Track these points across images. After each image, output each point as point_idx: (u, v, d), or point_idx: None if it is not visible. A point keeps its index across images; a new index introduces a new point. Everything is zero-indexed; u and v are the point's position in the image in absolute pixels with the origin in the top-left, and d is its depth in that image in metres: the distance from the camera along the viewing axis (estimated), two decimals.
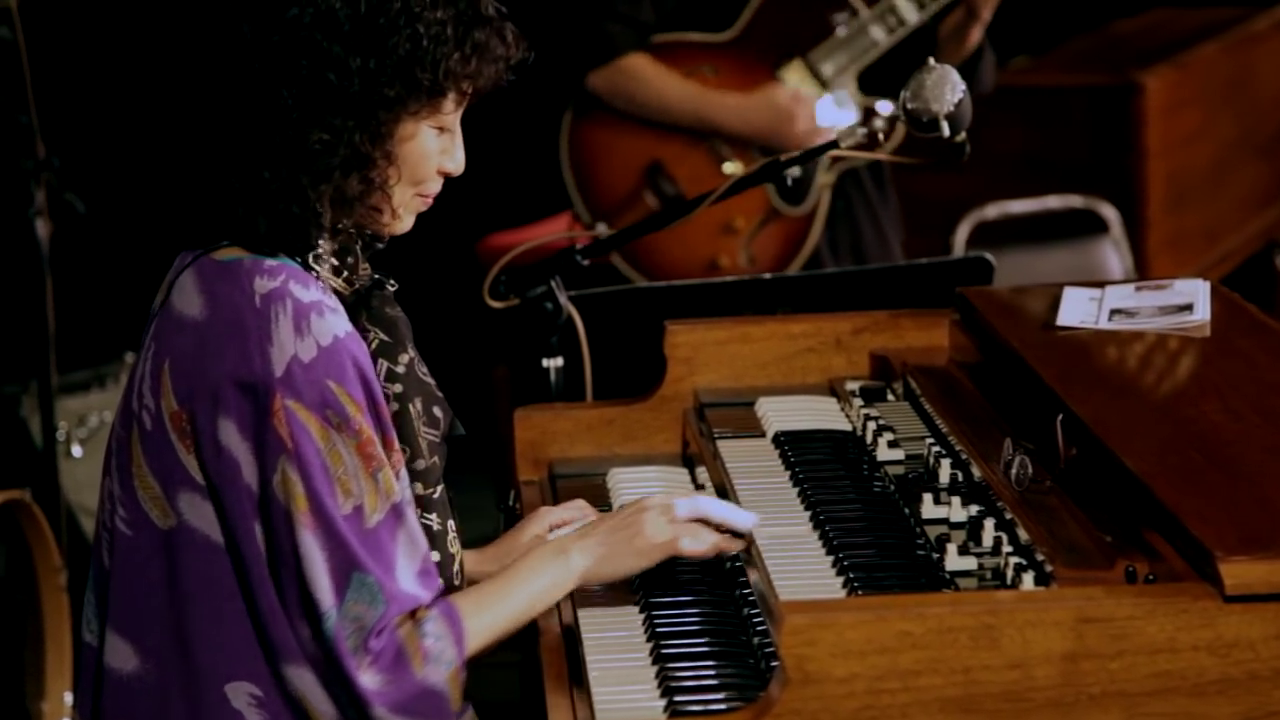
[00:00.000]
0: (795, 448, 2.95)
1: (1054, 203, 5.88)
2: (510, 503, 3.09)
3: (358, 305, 2.55)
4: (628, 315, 3.61)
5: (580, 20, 4.43)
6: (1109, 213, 5.85)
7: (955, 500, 2.66)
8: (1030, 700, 2.25)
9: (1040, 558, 2.43)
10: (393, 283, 2.61)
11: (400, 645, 2.41)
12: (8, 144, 4.72)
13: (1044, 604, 2.27)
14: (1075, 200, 5.87)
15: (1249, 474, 2.48)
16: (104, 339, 5.37)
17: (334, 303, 2.47)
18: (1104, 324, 3.06)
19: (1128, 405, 2.78)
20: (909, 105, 3.09)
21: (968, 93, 3.08)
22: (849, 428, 3.04)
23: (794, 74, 4.41)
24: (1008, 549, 2.49)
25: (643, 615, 2.59)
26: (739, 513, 2.62)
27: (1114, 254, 5.81)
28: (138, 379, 2.49)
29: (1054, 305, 3.13)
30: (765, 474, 2.89)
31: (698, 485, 3.05)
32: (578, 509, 2.79)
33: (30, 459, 5.21)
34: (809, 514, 2.73)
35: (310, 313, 2.42)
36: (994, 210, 5.88)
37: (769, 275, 3.99)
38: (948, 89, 3.07)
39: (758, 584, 2.57)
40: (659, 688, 2.43)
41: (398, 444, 2.50)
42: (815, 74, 4.41)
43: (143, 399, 2.47)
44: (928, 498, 2.67)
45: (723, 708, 2.36)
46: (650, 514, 2.58)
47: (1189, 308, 3.07)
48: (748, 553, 2.62)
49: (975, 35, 4.33)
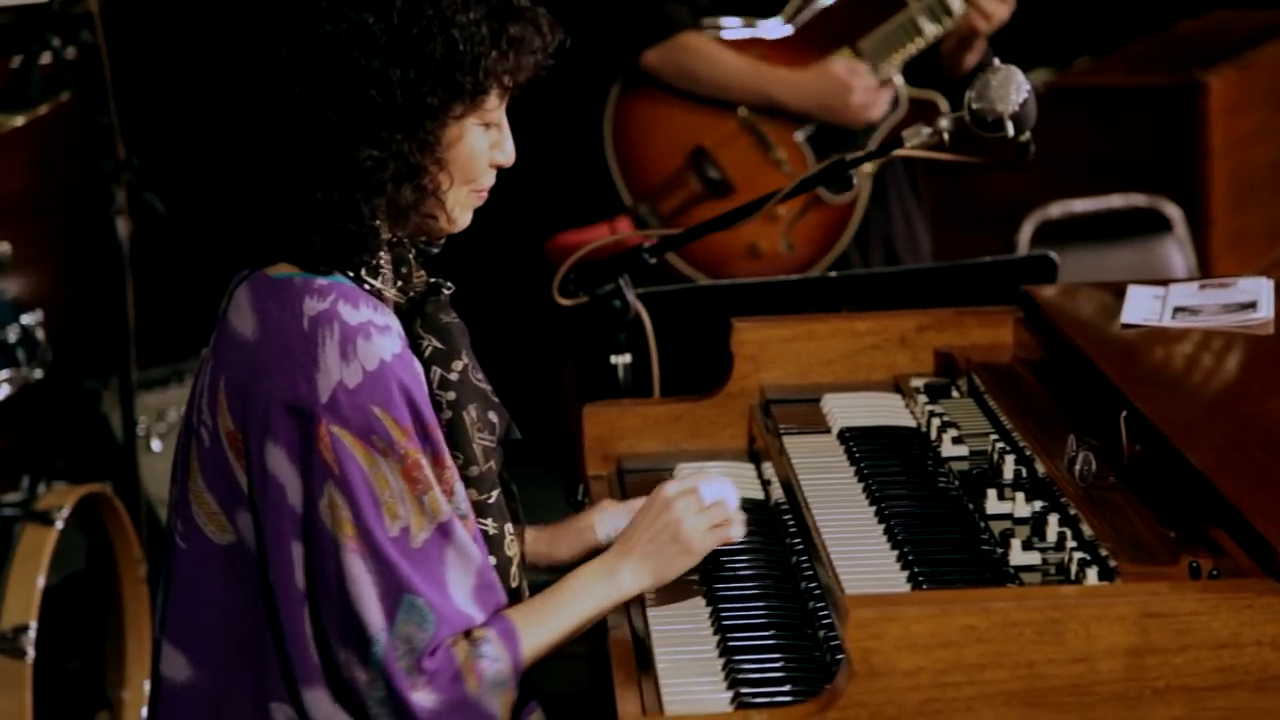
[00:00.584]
0: (860, 444, 2.94)
1: (1117, 202, 5.84)
2: (579, 497, 3.09)
3: (412, 312, 2.54)
4: (695, 313, 3.61)
5: (637, 1, 4.42)
6: (1172, 211, 5.81)
7: (1019, 496, 2.64)
8: (1094, 694, 2.24)
9: (1104, 553, 2.41)
10: (449, 285, 2.59)
11: (457, 666, 2.40)
12: (89, 145, 4.76)
13: (1108, 599, 2.25)
14: (1139, 199, 5.83)
15: None
16: (182, 336, 5.40)
17: (383, 320, 2.44)
18: (1167, 322, 3.04)
19: (1191, 402, 2.77)
20: (974, 105, 3.07)
21: (1033, 93, 3.07)
22: (914, 424, 3.03)
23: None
24: (1072, 544, 2.48)
25: (709, 609, 2.59)
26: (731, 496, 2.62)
27: (1177, 252, 5.77)
28: (198, 393, 2.49)
29: (1118, 303, 3.11)
30: (831, 470, 2.89)
31: (763, 481, 3.04)
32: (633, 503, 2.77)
33: (111, 453, 5.25)
34: (874, 509, 2.72)
35: (357, 336, 2.40)
36: (1058, 209, 5.84)
37: (834, 274, 3.98)
38: (1012, 89, 3.06)
39: (823, 578, 2.56)
40: (726, 680, 2.42)
41: (449, 460, 2.48)
42: (863, 63, 4.39)
43: (201, 415, 2.46)
44: (992, 493, 2.66)
45: (788, 700, 2.36)
46: (679, 507, 2.56)
47: (1252, 305, 3.05)
48: (814, 547, 2.61)
49: (969, 60, 4.33)
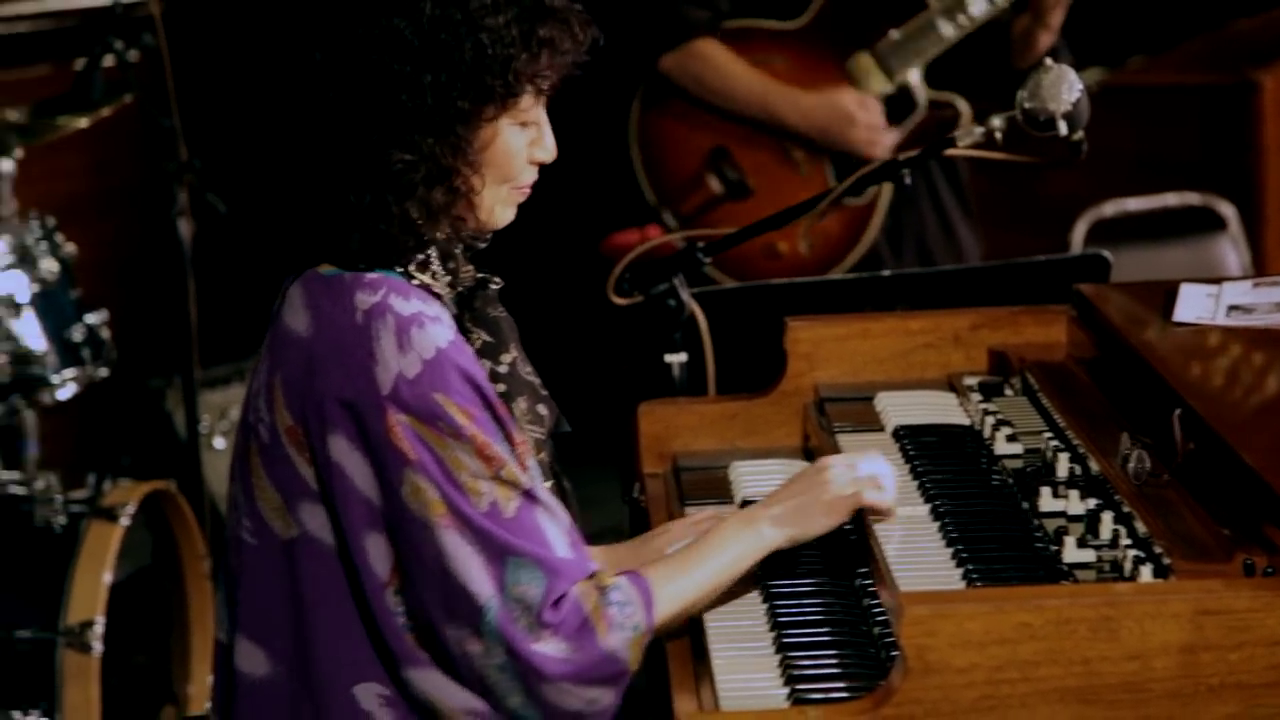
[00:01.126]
0: (914, 441, 2.93)
1: (1171, 200, 5.80)
2: (635, 495, 3.09)
3: (461, 306, 2.54)
4: (749, 312, 3.60)
5: (657, 2, 4.40)
6: (1226, 210, 5.77)
7: (1073, 494, 2.63)
8: (1149, 691, 2.22)
9: (1158, 550, 2.40)
10: (497, 280, 2.59)
11: (585, 613, 2.39)
12: (152, 147, 4.78)
13: (1162, 596, 2.24)
14: (1192, 198, 5.79)
15: None
16: (244, 334, 5.42)
17: (434, 311, 2.44)
18: (1221, 320, 3.01)
19: (1245, 400, 2.75)
20: (1026, 104, 3.06)
21: (1085, 92, 3.05)
22: (967, 422, 3.02)
23: (861, 65, 4.36)
24: (1126, 542, 2.46)
25: (765, 605, 2.58)
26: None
27: (1231, 251, 5.72)
28: (253, 392, 2.49)
29: (1171, 301, 3.09)
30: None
31: None
32: (704, 521, 2.75)
33: (175, 451, 5.28)
34: (928, 506, 2.71)
35: (411, 326, 2.40)
36: (1111, 208, 5.81)
37: (887, 273, 3.96)
38: (1064, 88, 3.05)
39: (878, 575, 2.55)
40: (781, 676, 2.42)
41: (518, 436, 2.48)
42: (883, 65, 4.36)
43: (259, 412, 2.47)
44: (1046, 491, 2.65)
45: (844, 696, 2.35)
46: (833, 470, 2.57)
47: None
48: (869, 544, 2.60)
49: (1044, 41, 4.27)
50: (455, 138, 2.43)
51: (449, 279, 2.53)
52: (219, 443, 5.23)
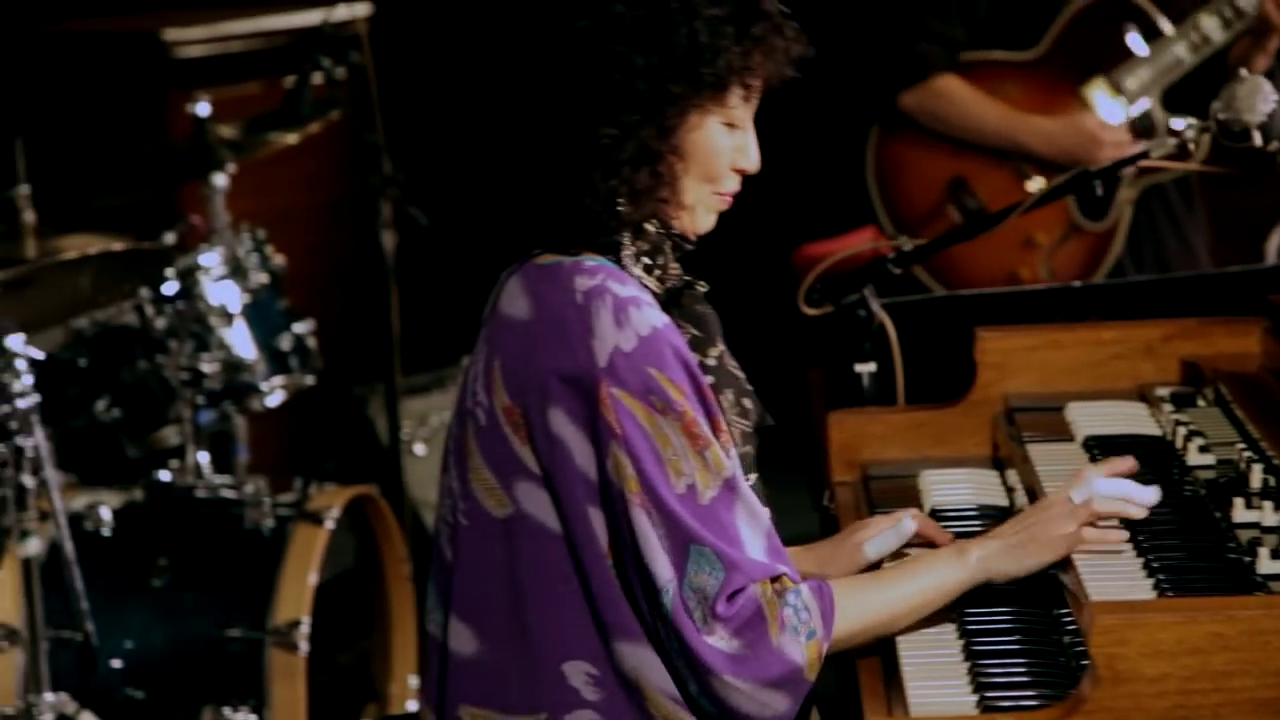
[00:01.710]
0: (1105, 452, 2.89)
1: None
2: (825, 502, 3.08)
3: (669, 303, 2.56)
4: (938, 322, 3.58)
5: (893, 39, 4.40)
6: None
7: (1267, 505, 2.57)
8: None
9: None
10: (703, 284, 2.61)
11: (757, 612, 2.38)
12: (357, 161, 4.86)
13: None
14: None
15: None
16: (444, 344, 5.49)
17: (649, 298, 2.49)
18: None
19: None
20: (1220, 115, 3.02)
21: None
22: (1159, 433, 2.97)
23: (1098, 91, 4.32)
24: None
25: (955, 613, 2.56)
26: (1133, 488, 2.56)
27: None
28: (471, 379, 2.53)
29: None
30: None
31: (1007, 488, 3.00)
32: (899, 517, 2.72)
33: (377, 457, 5.36)
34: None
35: (629, 306, 2.44)
36: None
37: (1078, 284, 3.92)
38: (1260, 99, 3.00)
39: (1068, 584, 2.52)
40: (971, 684, 2.40)
41: (724, 424, 2.49)
42: (1119, 91, 4.32)
43: (476, 397, 2.51)
44: (1239, 502, 2.60)
45: (1034, 704, 2.33)
46: (1054, 509, 2.53)
47: None
48: None
49: (1260, 65, 4.20)
50: (662, 121, 2.47)
51: (658, 273, 2.55)
52: (420, 449, 5.29)
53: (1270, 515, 2.56)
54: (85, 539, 4.07)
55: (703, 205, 2.54)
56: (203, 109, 4.50)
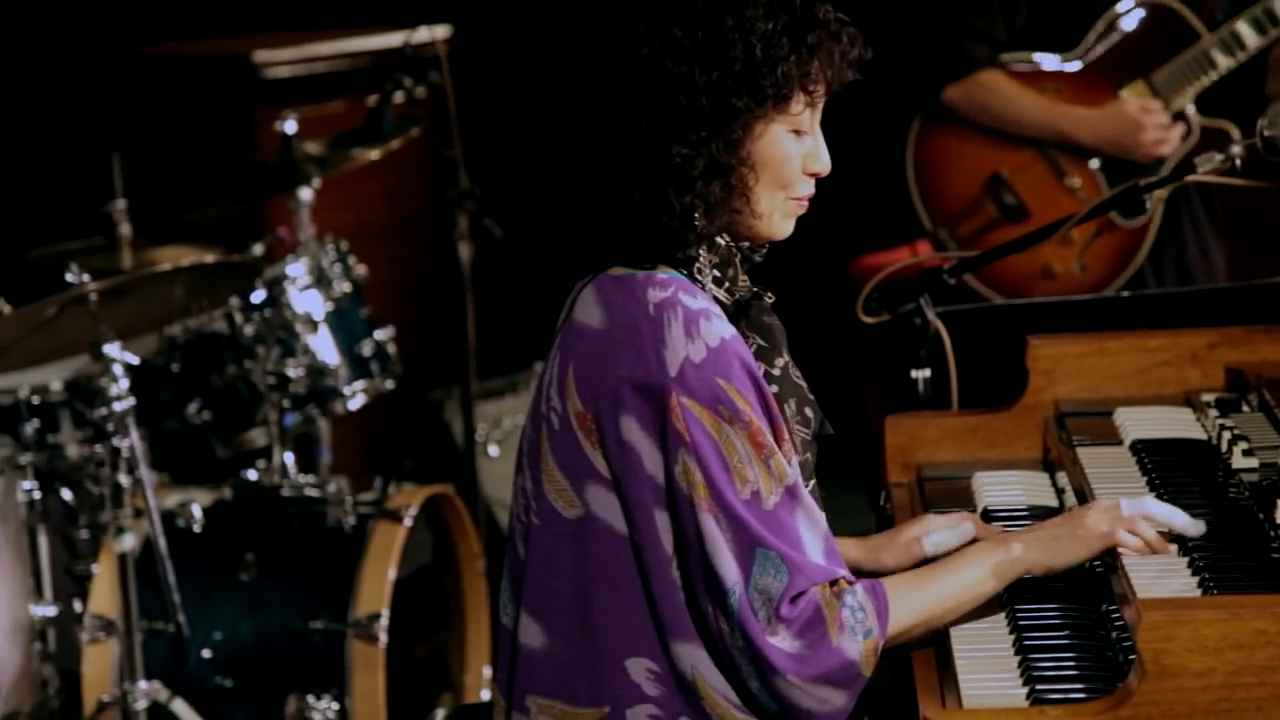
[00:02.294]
0: (1152, 455, 2.87)
1: None
2: (881, 503, 3.08)
3: (738, 314, 2.56)
4: (991, 330, 3.56)
5: (937, 36, 4.38)
6: None
7: None
8: None
9: None
10: (770, 295, 2.61)
11: (817, 613, 2.38)
12: (436, 176, 4.88)
13: None
14: None
15: None
16: (517, 350, 5.51)
17: (719, 310, 2.49)
18: None
19: None
20: (1266, 132, 3.00)
21: None
22: (1204, 437, 2.95)
23: (1137, 93, 4.29)
24: None
25: (1006, 609, 2.55)
26: (1181, 517, 2.53)
27: None
28: (545, 384, 2.53)
29: None
30: (1123, 480, 2.82)
31: (1058, 489, 2.99)
32: (959, 519, 2.72)
33: (453, 458, 5.37)
34: None
35: (699, 318, 2.44)
36: None
37: (1126, 293, 3.89)
38: None
39: (1116, 583, 2.50)
40: (1021, 677, 2.38)
41: (786, 434, 2.49)
42: (1157, 93, 4.28)
43: (550, 402, 2.51)
44: None
45: (1082, 697, 2.31)
46: (1095, 508, 2.52)
47: None
48: (1108, 552, 2.55)
49: None
50: (730, 135, 2.47)
51: (727, 286, 2.55)
52: (493, 450, 5.30)
53: None
54: (177, 535, 4.10)
55: (779, 211, 2.53)
56: (290, 127, 4.53)
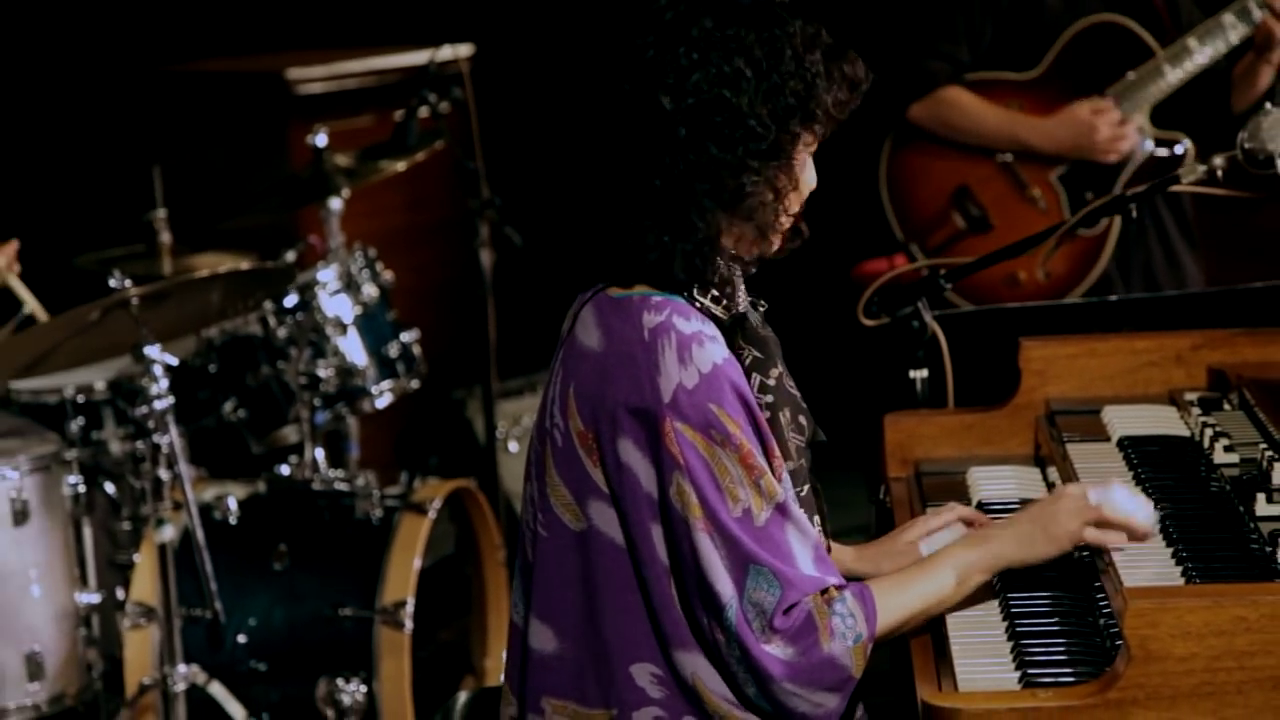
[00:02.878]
0: (1138, 451, 2.88)
1: None
2: (880, 497, 3.08)
3: (734, 327, 2.54)
4: (985, 332, 3.57)
5: (904, 57, 4.39)
6: None
7: None
8: None
9: None
10: (763, 304, 2.60)
11: (809, 621, 2.39)
12: (459, 187, 4.90)
13: None
14: None
15: None
16: (536, 352, 5.51)
17: (712, 331, 2.46)
18: None
19: None
20: (1246, 145, 3.00)
21: None
22: (1188, 434, 2.96)
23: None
24: None
25: (999, 597, 2.56)
26: (1143, 511, 2.51)
27: None
28: (549, 400, 2.52)
29: None
30: (1110, 474, 2.82)
31: (1048, 484, 2.99)
32: (950, 512, 2.73)
33: (474, 453, 5.39)
34: None
35: (691, 344, 2.42)
36: None
37: (1114, 298, 3.90)
38: None
39: (1103, 571, 2.51)
40: (1014, 662, 2.39)
41: (777, 450, 2.48)
42: None
43: (554, 419, 2.50)
44: (1261, 497, 2.58)
45: (1071, 680, 2.32)
46: (1065, 502, 2.51)
47: None
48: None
49: (1265, 77, 4.17)
50: (788, 160, 2.44)
51: (725, 303, 2.54)
52: (513, 446, 5.31)
53: None
54: (214, 527, 4.12)
55: (785, 230, 2.52)
56: (320, 140, 4.54)
